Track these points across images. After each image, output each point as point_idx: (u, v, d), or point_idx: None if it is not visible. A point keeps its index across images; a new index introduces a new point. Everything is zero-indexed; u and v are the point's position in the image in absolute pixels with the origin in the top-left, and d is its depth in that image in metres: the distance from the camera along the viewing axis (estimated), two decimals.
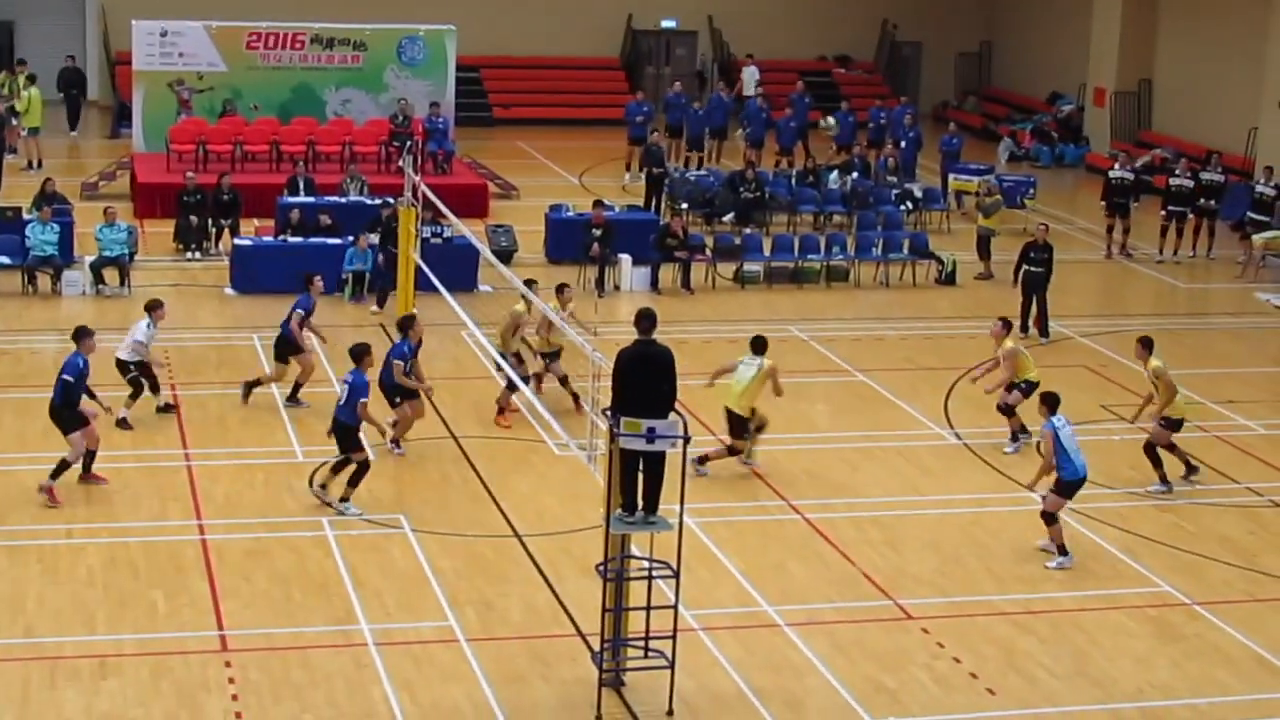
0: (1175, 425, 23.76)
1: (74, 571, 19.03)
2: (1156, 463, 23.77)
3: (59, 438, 22.01)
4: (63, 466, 21.65)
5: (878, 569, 20.74)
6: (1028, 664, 18.45)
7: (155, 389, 25.17)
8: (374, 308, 31.07)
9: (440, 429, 25.04)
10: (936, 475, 24.08)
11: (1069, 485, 21.01)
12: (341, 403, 21.87)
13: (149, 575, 19.63)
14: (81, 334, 22.68)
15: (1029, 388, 24.66)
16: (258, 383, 25.93)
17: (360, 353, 22.20)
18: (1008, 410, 24.98)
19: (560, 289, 26.26)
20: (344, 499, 21.74)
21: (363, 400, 21.67)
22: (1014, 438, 25.03)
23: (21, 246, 32.04)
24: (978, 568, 20.93)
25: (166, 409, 25.21)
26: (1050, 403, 21.31)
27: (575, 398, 25.17)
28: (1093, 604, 20.08)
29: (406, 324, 24.18)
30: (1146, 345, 24.29)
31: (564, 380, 25.62)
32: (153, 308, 25.25)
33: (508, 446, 24.35)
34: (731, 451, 23.56)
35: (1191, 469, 24.18)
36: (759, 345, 23.75)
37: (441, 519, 21.56)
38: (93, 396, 22.51)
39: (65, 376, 21.73)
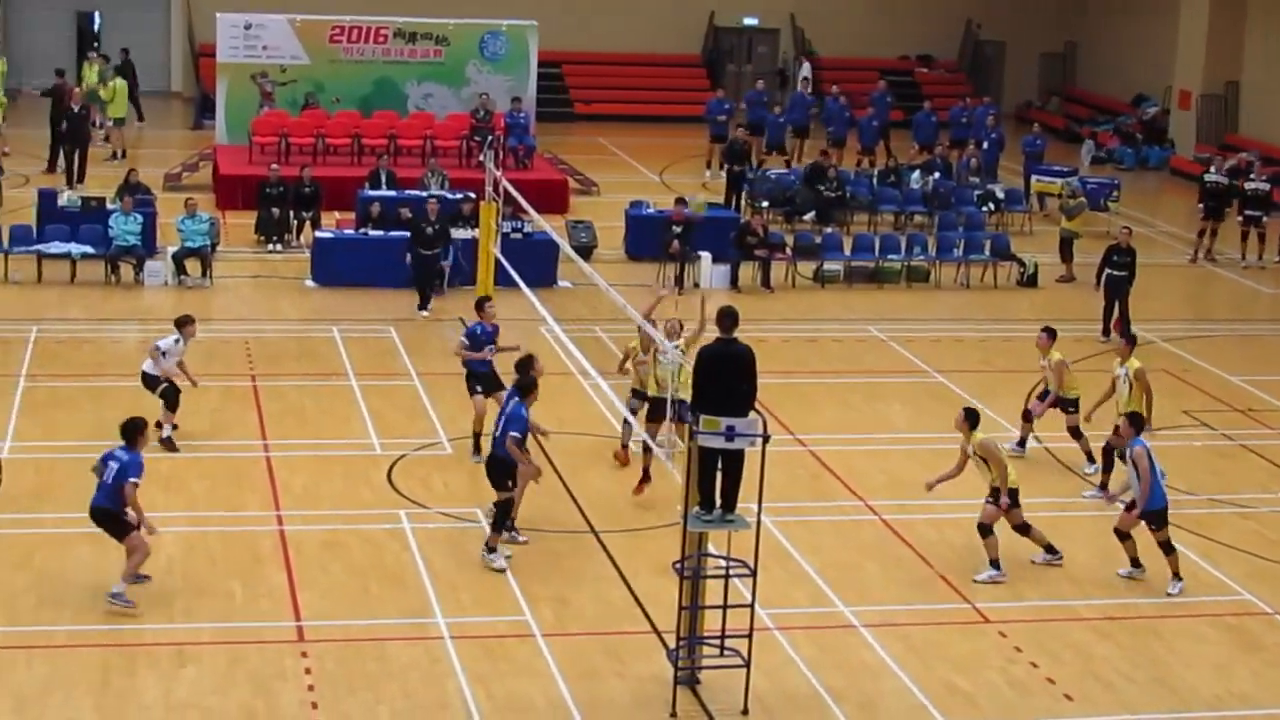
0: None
1: (153, 560, 19.10)
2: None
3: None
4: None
5: (955, 571, 20.61)
6: (1105, 670, 18.30)
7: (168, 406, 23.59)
8: (421, 312, 30.52)
9: None
10: (1027, 479, 23.89)
11: (1149, 513, 20.36)
12: (496, 434, 20.09)
13: (227, 565, 19.72)
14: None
15: (1070, 405, 24.22)
16: (478, 436, 23.45)
17: (519, 383, 20.34)
18: (1076, 434, 24.39)
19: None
20: (491, 549, 20.08)
21: (512, 434, 19.70)
22: (1090, 459, 24.49)
23: (105, 236, 32.27)
24: (1055, 572, 20.76)
25: (166, 442, 23.25)
26: (1138, 423, 20.94)
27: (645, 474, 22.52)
28: (1172, 611, 19.88)
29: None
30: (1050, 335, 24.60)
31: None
32: (183, 324, 23.85)
33: (584, 442, 24.33)
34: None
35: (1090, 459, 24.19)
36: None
37: (519, 514, 21.54)
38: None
39: (133, 479, 18.23)
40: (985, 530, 20.50)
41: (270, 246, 34.98)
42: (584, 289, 31.76)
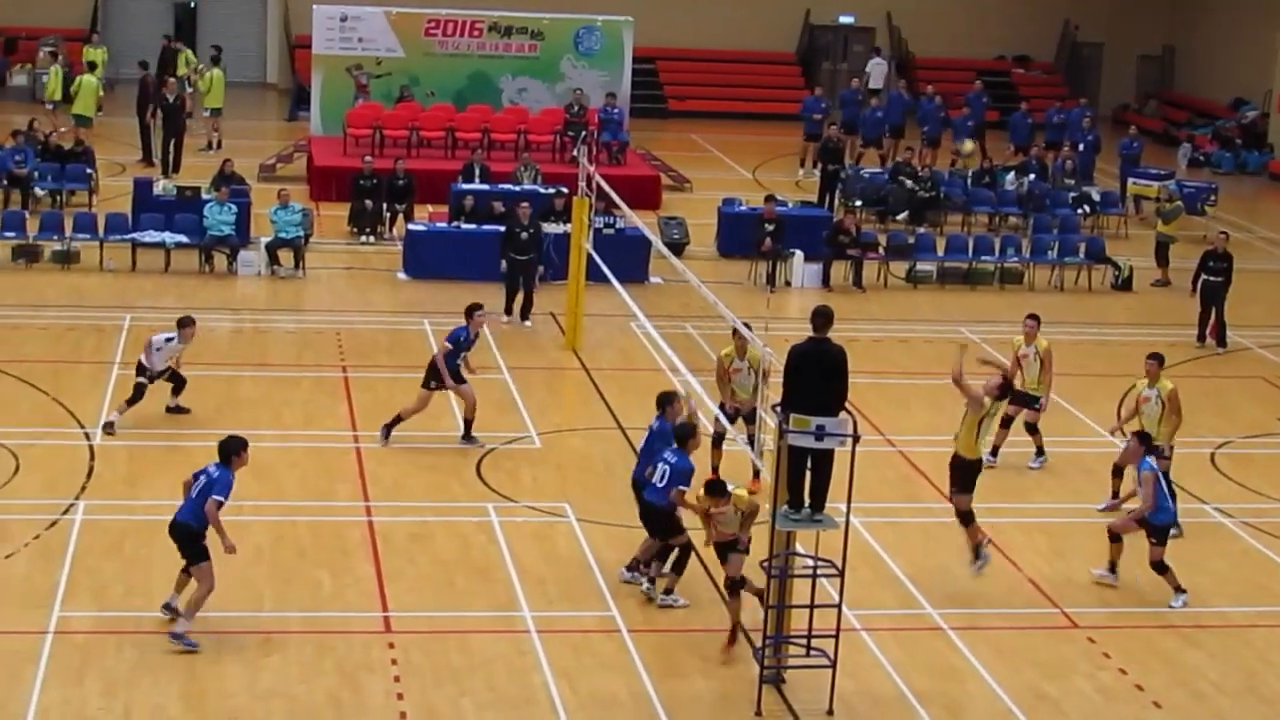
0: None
1: (241, 549, 19.19)
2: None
3: (233, 413, 22.21)
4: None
5: (1043, 576, 20.48)
6: (1195, 679, 18.12)
7: (177, 390, 23.98)
8: (504, 318, 29.86)
9: (607, 419, 25.07)
10: (1106, 483, 23.69)
11: (1157, 529, 20.15)
12: (659, 484, 18.92)
13: (315, 554, 19.81)
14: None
15: (1034, 401, 23.97)
16: (398, 420, 23.61)
17: (679, 430, 19.33)
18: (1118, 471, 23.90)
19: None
20: (668, 590, 19.16)
21: (679, 488, 18.72)
22: (1040, 452, 24.25)
23: (199, 226, 32.49)
24: (1145, 578, 20.57)
25: (177, 410, 23.94)
26: (1147, 443, 20.67)
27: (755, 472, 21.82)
28: (1264, 620, 19.69)
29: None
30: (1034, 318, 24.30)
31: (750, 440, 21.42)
32: (184, 324, 23.70)
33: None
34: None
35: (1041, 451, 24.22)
36: None
37: (606, 509, 21.54)
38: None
39: (217, 496, 17.65)
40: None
41: (363, 238, 35.16)
42: (675, 285, 31.74)
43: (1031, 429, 24.08)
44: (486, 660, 17.52)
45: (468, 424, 23.78)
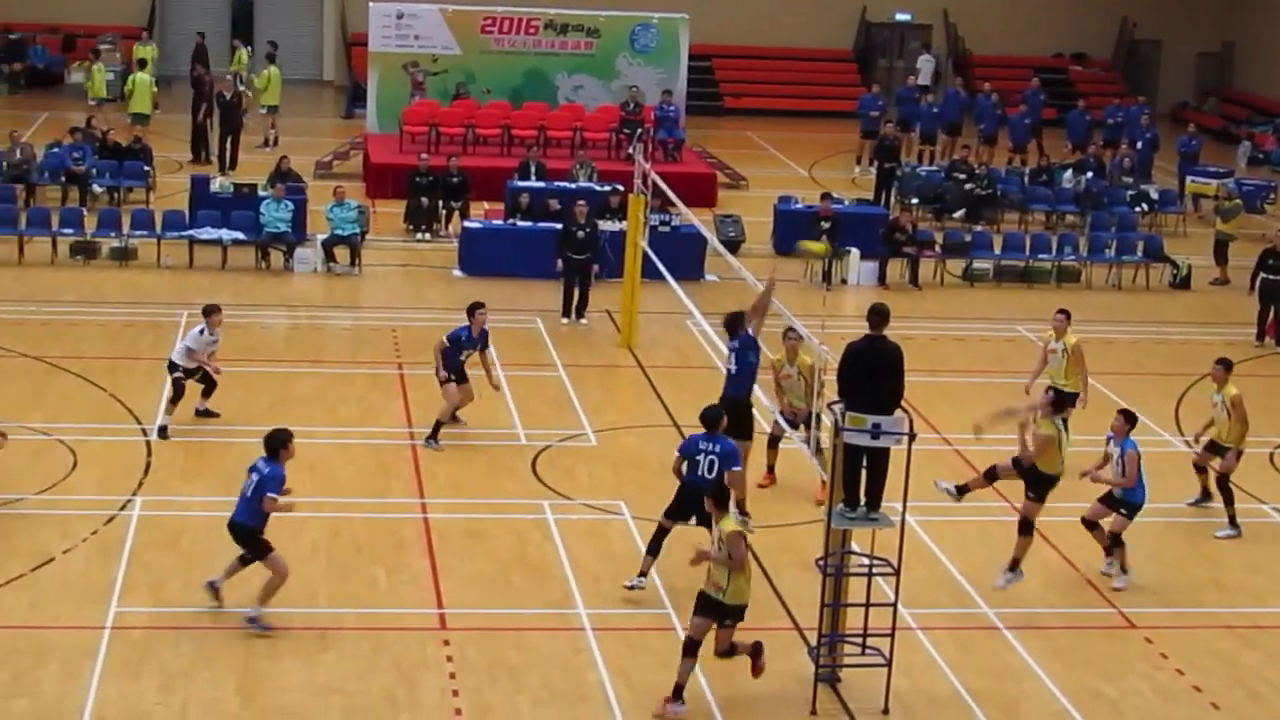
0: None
1: (297, 545, 19.26)
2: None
3: (287, 410, 22.34)
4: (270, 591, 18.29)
5: (1101, 575, 20.36)
6: (1253, 680, 18.01)
7: (207, 392, 23.83)
8: (564, 320, 29.91)
9: (663, 416, 25.05)
10: (1165, 483, 23.57)
11: (1135, 508, 20.21)
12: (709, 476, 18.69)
13: (371, 551, 19.85)
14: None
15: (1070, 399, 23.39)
16: (439, 426, 23.40)
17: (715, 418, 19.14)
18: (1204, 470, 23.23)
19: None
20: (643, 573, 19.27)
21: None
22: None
23: (256, 223, 32.61)
24: (1203, 578, 20.49)
25: (206, 413, 23.83)
26: (1131, 420, 20.53)
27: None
28: None
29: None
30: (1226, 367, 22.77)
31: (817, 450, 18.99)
32: (209, 313, 23.58)
33: None
34: (988, 478, 20.51)
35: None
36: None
37: (661, 507, 21.41)
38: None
39: (271, 494, 17.72)
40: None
41: (419, 235, 35.24)
42: (731, 283, 31.69)
43: (1221, 484, 22.47)
44: (542, 657, 17.52)
45: (438, 425, 23.41)
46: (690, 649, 16.58)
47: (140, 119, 41.79)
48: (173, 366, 23.49)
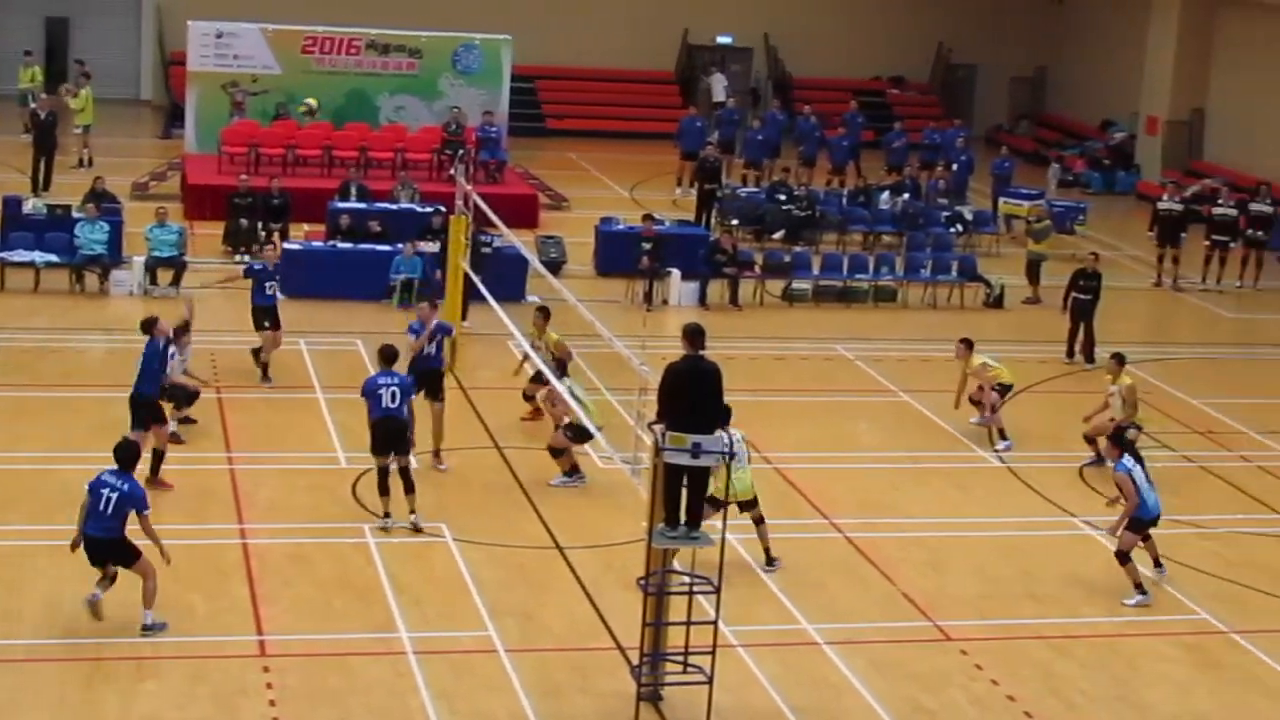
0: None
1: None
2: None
3: (106, 435, 21.95)
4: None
5: (918, 589, 20.66)
6: (1066, 688, 18.36)
7: (177, 407, 24.23)
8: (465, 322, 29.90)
9: (484, 439, 25.05)
10: (979, 497, 23.98)
11: (1141, 523, 20.74)
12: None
13: (189, 578, 19.57)
14: (150, 324, 22.68)
15: (1004, 389, 26.23)
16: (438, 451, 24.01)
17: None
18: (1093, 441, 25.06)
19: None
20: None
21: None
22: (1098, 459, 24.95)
23: (70, 245, 32.11)
24: (1018, 590, 20.84)
25: (186, 420, 24.49)
26: (1122, 444, 21.06)
27: None
28: (1132, 630, 19.97)
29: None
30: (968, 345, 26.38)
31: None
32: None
33: (548, 456, 24.25)
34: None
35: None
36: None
37: (483, 528, 21.54)
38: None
39: (145, 511, 18.32)
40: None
41: (238, 257, 34.84)
42: (553, 304, 31.66)
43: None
44: (365, 683, 17.44)
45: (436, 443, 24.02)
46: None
47: None
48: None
